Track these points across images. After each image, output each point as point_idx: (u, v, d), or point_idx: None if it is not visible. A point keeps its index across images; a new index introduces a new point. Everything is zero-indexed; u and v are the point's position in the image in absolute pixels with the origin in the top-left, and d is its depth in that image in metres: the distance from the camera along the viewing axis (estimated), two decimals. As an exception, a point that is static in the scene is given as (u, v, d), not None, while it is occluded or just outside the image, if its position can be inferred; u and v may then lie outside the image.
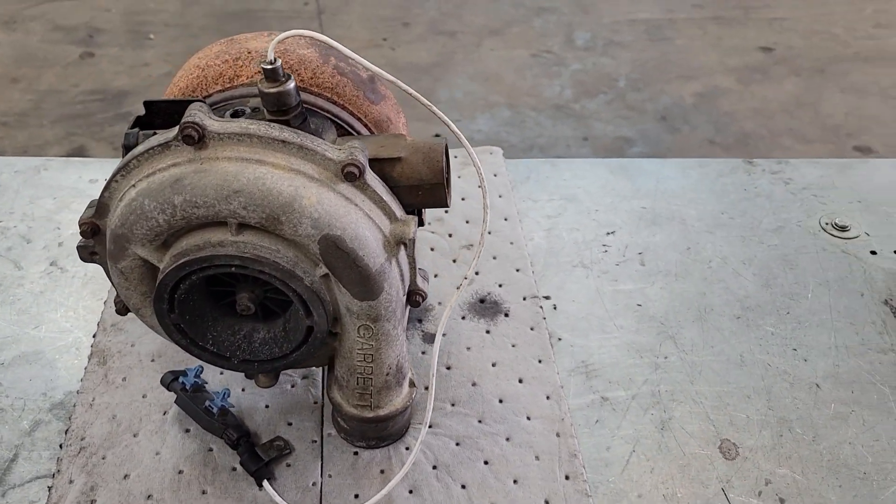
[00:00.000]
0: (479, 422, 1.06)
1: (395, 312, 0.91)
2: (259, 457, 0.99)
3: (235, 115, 0.91)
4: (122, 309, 0.98)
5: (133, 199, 0.84)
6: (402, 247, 0.89)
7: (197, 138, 0.81)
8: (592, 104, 3.67)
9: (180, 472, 1.00)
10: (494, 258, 1.28)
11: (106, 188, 0.88)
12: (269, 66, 0.84)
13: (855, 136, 3.44)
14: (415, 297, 0.94)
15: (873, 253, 1.30)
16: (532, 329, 1.17)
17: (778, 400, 1.08)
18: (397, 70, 3.68)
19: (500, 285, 1.23)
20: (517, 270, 1.26)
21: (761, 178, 1.44)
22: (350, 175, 0.83)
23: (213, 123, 0.83)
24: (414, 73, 3.64)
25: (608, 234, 1.32)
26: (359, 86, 1.00)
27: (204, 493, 0.98)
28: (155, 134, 0.90)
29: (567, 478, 0.99)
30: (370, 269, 0.85)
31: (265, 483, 0.97)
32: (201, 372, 1.06)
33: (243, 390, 1.09)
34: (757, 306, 1.21)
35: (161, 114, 0.94)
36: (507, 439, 1.04)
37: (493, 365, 1.13)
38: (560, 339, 1.16)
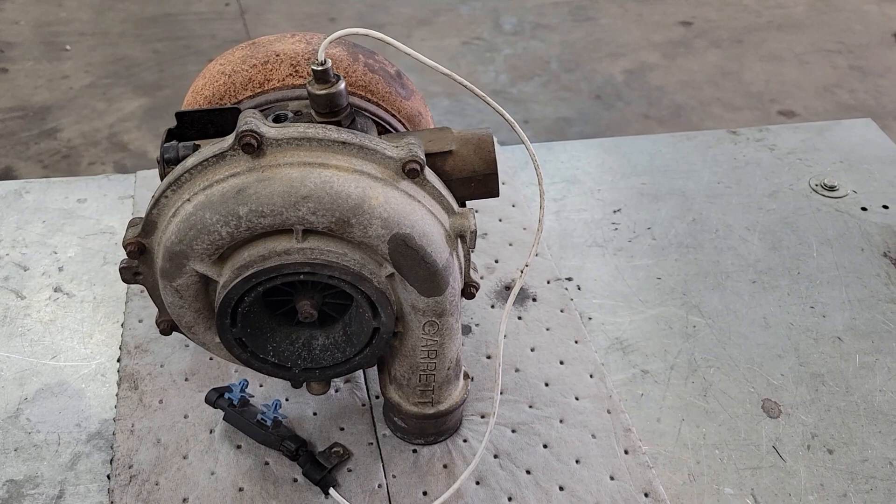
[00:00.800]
0: (531, 407, 1.07)
1: (457, 306, 0.91)
2: (321, 465, 0.98)
3: (277, 119, 0.89)
4: (167, 329, 0.95)
5: (191, 214, 0.81)
6: (460, 240, 0.89)
7: (256, 146, 0.79)
8: (528, 87, 3.72)
9: (241, 489, 0.97)
10: (511, 245, 1.29)
11: (154, 205, 0.85)
12: (321, 68, 0.83)
13: (778, 101, 3.60)
14: (470, 290, 0.94)
15: (864, 209, 1.36)
16: (562, 311, 1.19)
17: (806, 356, 1.13)
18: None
19: (521, 271, 1.24)
20: (536, 255, 1.27)
21: (747, 147, 1.49)
22: (412, 172, 0.83)
23: (270, 130, 0.81)
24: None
25: (615, 211, 1.35)
26: (389, 82, 0.99)
27: (270, 508, 0.96)
28: (196, 146, 0.88)
29: (626, 452, 1.02)
30: (438, 265, 0.85)
31: (332, 491, 0.96)
32: (247, 386, 1.03)
33: (287, 400, 1.07)
34: (769, 269, 1.26)
35: (194, 124, 0.91)
36: (561, 421, 1.05)
37: (532, 350, 1.14)
38: (591, 319, 1.18)
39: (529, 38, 4.17)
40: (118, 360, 1.12)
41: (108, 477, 0.98)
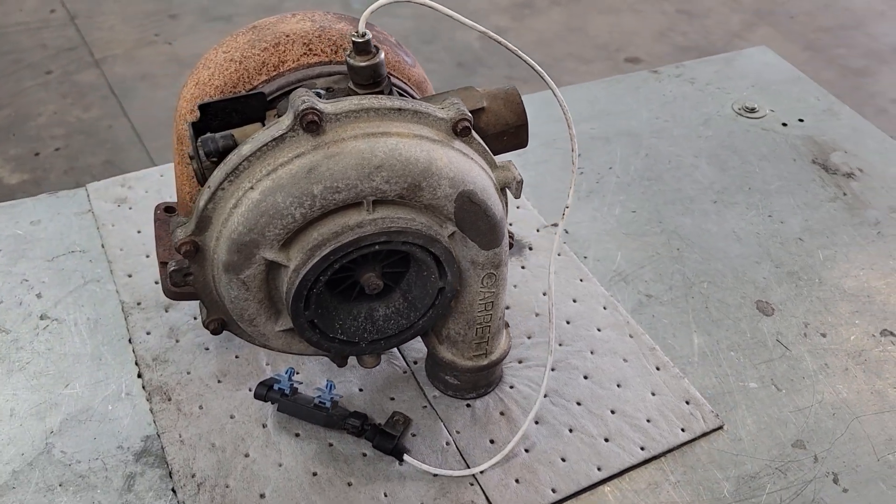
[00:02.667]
0: (560, 345, 1.13)
1: (508, 255, 0.95)
2: (390, 434, 0.99)
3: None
4: (218, 328, 0.93)
5: (260, 201, 0.80)
6: (503, 192, 0.93)
7: (318, 123, 0.79)
8: (392, 62, 3.74)
9: (314, 474, 0.97)
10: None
11: (209, 199, 0.83)
12: (362, 40, 0.84)
13: (623, 50, 3.84)
14: (510, 241, 0.98)
15: (784, 125, 1.52)
16: (560, 255, 1.26)
17: (778, 259, 1.26)
18: (185, 65, 3.51)
19: (510, 224, 1.29)
20: (517, 207, 1.33)
21: (670, 84, 1.61)
22: (464, 130, 0.85)
23: (327, 106, 0.81)
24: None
25: (579, 156, 1.43)
26: (396, 51, 1.01)
27: (350, 484, 0.96)
28: (231, 135, 0.86)
29: (658, 369, 1.10)
30: (497, 217, 0.89)
31: (406, 457, 0.98)
32: (294, 374, 1.02)
33: (327, 381, 1.07)
34: (724, 189, 1.38)
35: (219, 114, 0.89)
36: (592, 352, 1.12)
37: (544, 294, 1.20)
38: (586, 258, 1.25)
39: (382, 14, 4.16)
40: (139, 376, 1.07)
41: (174, 490, 0.95)
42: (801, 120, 1.53)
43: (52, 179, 2.97)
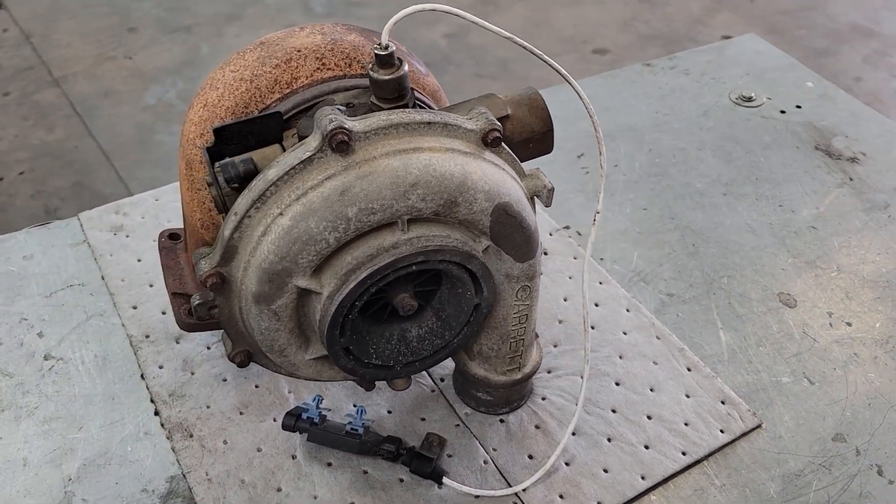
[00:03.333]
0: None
1: (541, 265, 0.92)
2: (427, 458, 0.96)
3: (332, 115, 0.85)
4: (244, 360, 0.89)
5: (291, 227, 0.76)
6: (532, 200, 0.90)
7: (348, 143, 0.76)
8: (359, 66, 3.69)
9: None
10: (500, 207, 1.30)
11: (235, 228, 0.78)
12: (385, 52, 0.80)
13: (589, 41, 3.83)
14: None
15: (783, 112, 1.51)
16: (576, 258, 1.23)
17: (794, 248, 1.25)
18: (147, 79, 3.43)
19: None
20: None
21: (665, 76, 1.60)
22: (495, 141, 0.82)
23: (355, 124, 0.77)
24: (165, 77, 3.40)
25: (579, 157, 1.40)
26: (410, 60, 0.97)
27: (390, 513, 0.93)
28: (251, 159, 0.82)
29: (689, 370, 1.08)
30: (532, 228, 0.86)
31: (445, 480, 0.95)
32: (321, 401, 0.99)
33: (354, 406, 1.04)
34: (731, 180, 1.36)
35: (234, 137, 0.85)
36: (621, 357, 1.10)
37: (565, 300, 1.17)
38: (602, 259, 1.23)
39: (345, 16, 4.13)
40: (156, 413, 1.02)
41: (207, 532, 0.91)
42: (798, 106, 1.52)
43: (19, 205, 2.87)
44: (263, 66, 0.90)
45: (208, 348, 1.10)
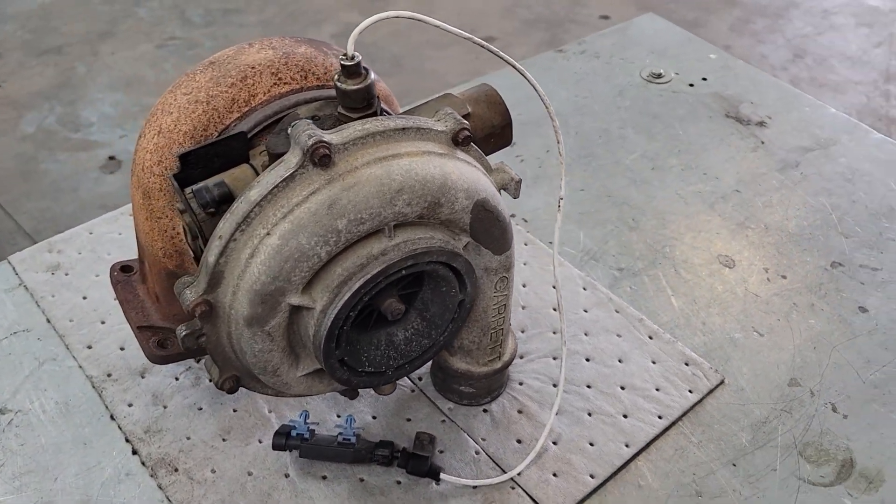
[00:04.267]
0: (554, 333, 1.14)
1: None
2: (422, 457, 0.97)
3: (298, 130, 0.84)
4: (234, 386, 0.88)
5: (281, 246, 0.76)
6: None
7: (329, 156, 0.76)
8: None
9: (354, 513, 0.94)
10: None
11: (221, 254, 0.77)
12: (352, 63, 0.80)
13: (475, 30, 3.89)
14: (506, 240, 0.98)
15: (691, 85, 1.59)
16: (526, 244, 1.27)
17: (723, 212, 1.33)
18: (21, 106, 3.25)
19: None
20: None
21: (577, 61, 1.65)
22: (465, 140, 0.84)
23: (332, 136, 0.77)
24: (42, 102, 3.24)
25: (511, 145, 1.44)
26: (359, 68, 0.97)
27: (394, 516, 0.94)
28: (223, 182, 0.81)
29: (651, 338, 1.13)
30: (506, 221, 0.88)
31: (443, 475, 0.96)
32: (308, 416, 0.98)
33: (338, 416, 1.04)
34: (656, 154, 1.43)
35: (199, 162, 0.84)
36: (586, 334, 1.14)
37: (524, 286, 1.20)
38: (551, 243, 1.27)
39: (225, 25, 4.03)
40: (134, 453, 0.99)
41: (213, 565, 0.89)
42: (704, 79, 1.61)
43: None
44: (218, 86, 0.89)
45: (176, 379, 1.07)
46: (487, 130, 0.94)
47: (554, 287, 1.20)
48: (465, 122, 0.84)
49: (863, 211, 1.34)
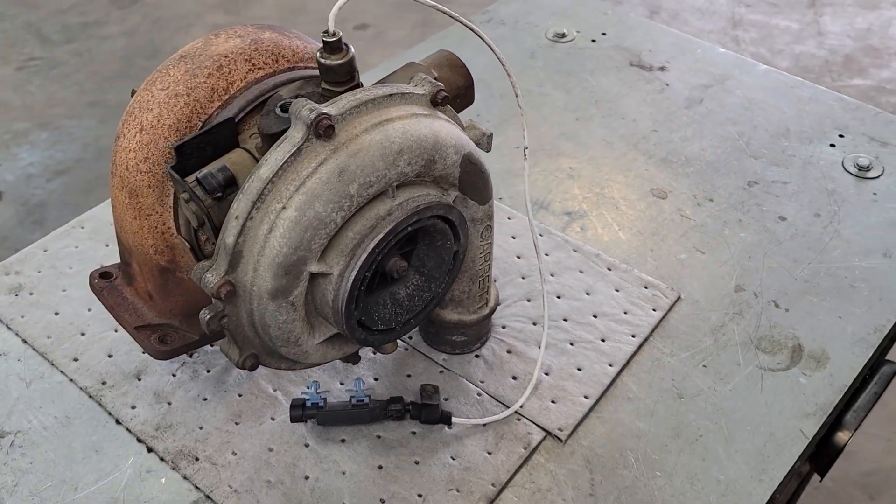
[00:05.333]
0: (523, 278, 1.22)
1: (492, 205, 1.02)
2: (432, 405, 1.03)
3: (284, 109, 0.88)
4: (255, 364, 0.91)
5: (299, 217, 0.80)
6: (473, 147, 0.99)
7: (332, 127, 0.81)
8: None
9: (380, 467, 0.99)
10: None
11: (240, 233, 0.81)
12: (334, 39, 0.85)
13: (349, 19, 3.94)
14: (479, 192, 1.05)
15: (594, 41, 1.71)
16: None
17: (648, 151, 1.44)
18: None
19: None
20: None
21: (486, 29, 1.73)
22: (444, 100, 0.91)
23: (330, 108, 0.82)
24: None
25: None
26: (310, 43, 1.01)
27: (417, 463, 1.00)
28: (224, 167, 0.85)
29: (609, 269, 1.23)
30: (488, 171, 0.95)
31: (454, 419, 1.03)
32: (319, 386, 1.02)
33: (341, 384, 1.08)
34: (577, 107, 1.54)
35: (195, 151, 0.86)
36: (552, 275, 1.23)
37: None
38: (501, 199, 1.35)
39: (87, 39, 3.88)
40: (149, 451, 1.00)
41: (257, 537, 0.92)
42: (604, 34, 1.73)
43: None
44: (196, 78, 0.91)
45: (174, 375, 1.08)
46: (454, 92, 1.00)
47: (514, 237, 1.29)
48: (440, 84, 0.90)
49: (764, 134, 1.49)
